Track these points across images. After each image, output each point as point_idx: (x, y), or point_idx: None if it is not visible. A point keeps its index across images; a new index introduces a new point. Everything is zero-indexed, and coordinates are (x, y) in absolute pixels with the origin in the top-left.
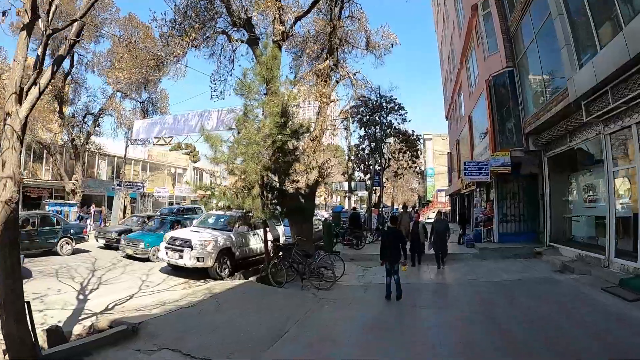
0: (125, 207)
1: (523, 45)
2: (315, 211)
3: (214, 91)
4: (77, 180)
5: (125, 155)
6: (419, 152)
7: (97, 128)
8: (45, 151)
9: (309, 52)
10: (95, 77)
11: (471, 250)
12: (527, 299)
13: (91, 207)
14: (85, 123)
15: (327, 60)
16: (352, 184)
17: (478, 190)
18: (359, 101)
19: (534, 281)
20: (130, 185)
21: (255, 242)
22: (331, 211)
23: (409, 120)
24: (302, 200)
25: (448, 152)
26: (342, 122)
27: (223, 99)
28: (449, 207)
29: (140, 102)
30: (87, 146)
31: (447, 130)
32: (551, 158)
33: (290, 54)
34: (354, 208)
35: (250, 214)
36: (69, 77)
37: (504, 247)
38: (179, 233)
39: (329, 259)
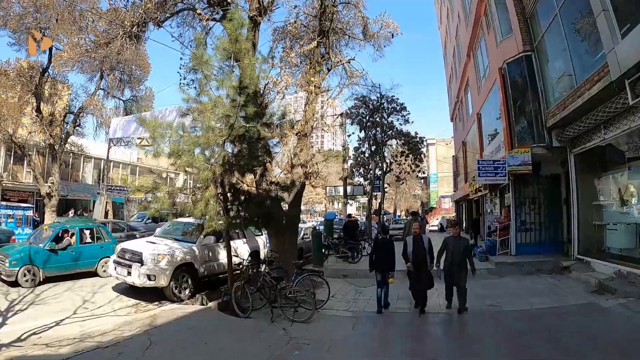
0: (107, 213)
1: (541, 28)
2: (305, 219)
3: (184, 79)
4: (53, 182)
5: (107, 157)
6: (422, 155)
7: (77, 128)
8: (20, 152)
9: (292, 31)
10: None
11: (485, 264)
12: (578, 341)
13: (70, 212)
14: (66, 122)
15: (316, 42)
16: (349, 188)
17: (490, 195)
18: (357, 101)
19: (575, 310)
20: (116, 189)
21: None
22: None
23: (412, 122)
24: (285, 206)
25: (453, 156)
26: (336, 118)
27: (195, 88)
28: (454, 214)
29: (123, 101)
30: (66, 147)
31: (452, 133)
32: (579, 155)
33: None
34: (349, 215)
35: (202, 221)
36: (47, 74)
37: (525, 261)
38: (131, 244)
39: (310, 281)
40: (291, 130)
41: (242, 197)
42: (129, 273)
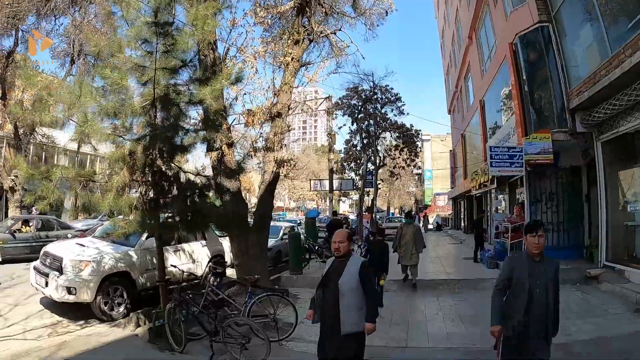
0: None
1: None
2: (295, 216)
3: None
4: (17, 176)
5: (78, 149)
6: (417, 149)
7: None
8: None
9: None
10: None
11: (496, 273)
12: None
13: (33, 208)
14: (35, 111)
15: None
16: (336, 182)
17: (496, 190)
18: (349, 92)
19: (625, 340)
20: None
21: (180, 262)
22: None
23: (407, 114)
24: (257, 202)
25: (450, 150)
26: (322, 101)
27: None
28: (451, 212)
29: (95, 88)
30: (33, 137)
31: (449, 126)
32: (608, 143)
33: None
34: (335, 213)
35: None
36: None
37: None
38: (55, 247)
39: (270, 304)
40: (259, 108)
41: (166, 186)
42: (47, 283)
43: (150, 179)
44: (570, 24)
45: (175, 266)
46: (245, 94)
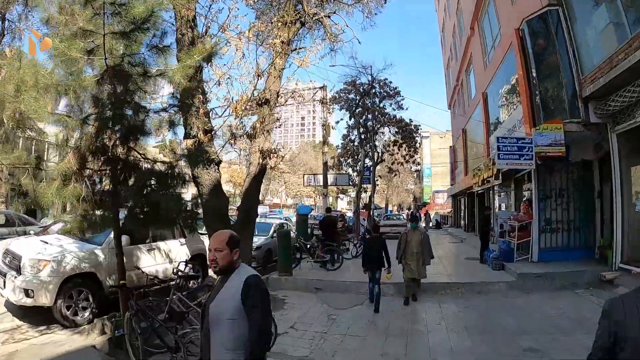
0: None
1: None
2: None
3: None
4: (1, 170)
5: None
6: (417, 145)
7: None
8: None
9: None
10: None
11: (501, 275)
12: None
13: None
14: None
15: None
16: (331, 177)
17: (500, 186)
18: (347, 86)
19: None
20: None
21: (154, 262)
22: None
23: (406, 108)
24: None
25: (450, 146)
26: (317, 91)
27: None
28: (450, 209)
29: None
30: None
31: (449, 122)
32: (624, 135)
33: None
34: (328, 209)
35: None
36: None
37: (554, 272)
38: (18, 245)
39: None
40: (244, 95)
41: (124, 176)
42: (4, 284)
43: (104, 167)
44: (583, 7)
45: (138, 267)
46: (229, 78)
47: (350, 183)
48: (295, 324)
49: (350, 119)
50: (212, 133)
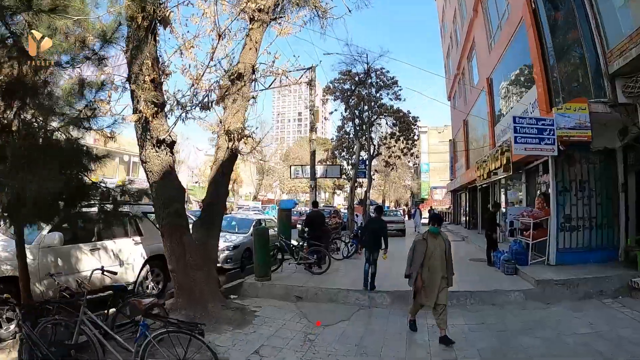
0: None
1: None
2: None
3: None
4: None
5: None
6: (415, 137)
7: None
8: None
9: None
10: None
11: (516, 281)
12: None
13: None
14: None
15: None
16: (320, 168)
17: (509, 178)
18: (342, 75)
19: None
20: None
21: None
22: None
23: (404, 99)
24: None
25: (450, 140)
26: (305, 72)
27: None
28: (449, 205)
29: None
30: None
31: (450, 114)
32: None
33: None
34: (315, 203)
35: None
36: None
37: (577, 278)
38: None
39: (179, 342)
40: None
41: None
42: None
43: None
44: None
45: (56, 275)
46: (192, 46)
47: (345, 177)
48: (261, 347)
49: (345, 111)
50: (162, 108)
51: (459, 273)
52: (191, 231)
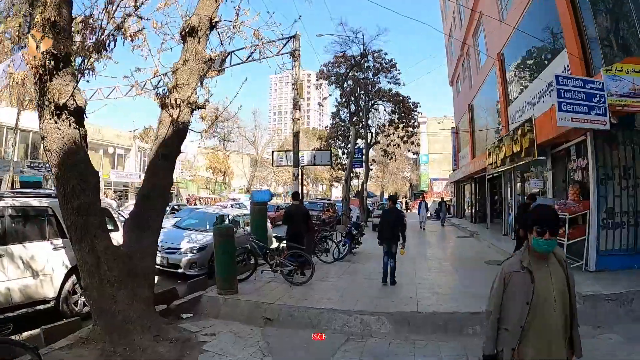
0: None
1: None
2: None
3: None
4: None
5: (16, 124)
6: (415, 123)
7: None
8: None
9: None
10: None
11: None
12: None
13: None
14: None
15: None
16: (307, 154)
17: (528, 165)
18: (337, 59)
19: None
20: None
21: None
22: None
23: (403, 84)
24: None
25: (453, 128)
26: (287, 42)
27: None
28: (450, 197)
29: None
30: None
31: (452, 100)
32: None
33: None
34: (295, 194)
35: None
36: None
37: (629, 292)
38: None
39: None
40: None
41: None
42: None
43: None
44: None
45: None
46: None
47: (339, 166)
48: None
49: (340, 97)
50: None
51: (477, 283)
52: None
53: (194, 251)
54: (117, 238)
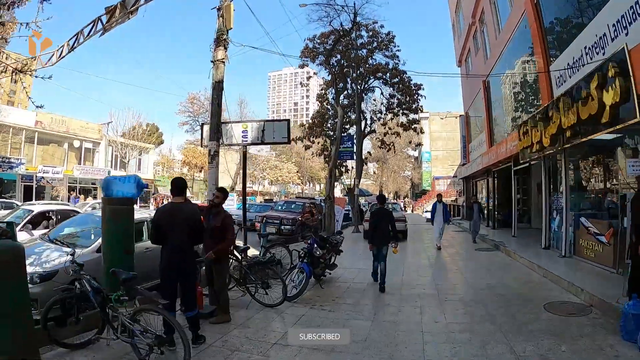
0: None
1: None
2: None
3: None
4: None
5: None
6: (418, 106)
7: None
8: None
9: None
10: None
11: None
12: None
13: None
14: None
15: None
16: (254, 126)
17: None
18: (325, 37)
19: None
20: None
21: None
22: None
23: (404, 63)
24: None
25: (461, 115)
26: None
27: None
28: (456, 197)
29: None
30: None
31: (461, 84)
32: None
33: None
34: (222, 189)
35: None
36: None
37: None
38: None
39: None
40: None
41: None
42: None
43: None
44: None
45: None
46: None
47: (327, 159)
48: None
49: (328, 75)
50: None
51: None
52: None
53: (34, 280)
54: None
